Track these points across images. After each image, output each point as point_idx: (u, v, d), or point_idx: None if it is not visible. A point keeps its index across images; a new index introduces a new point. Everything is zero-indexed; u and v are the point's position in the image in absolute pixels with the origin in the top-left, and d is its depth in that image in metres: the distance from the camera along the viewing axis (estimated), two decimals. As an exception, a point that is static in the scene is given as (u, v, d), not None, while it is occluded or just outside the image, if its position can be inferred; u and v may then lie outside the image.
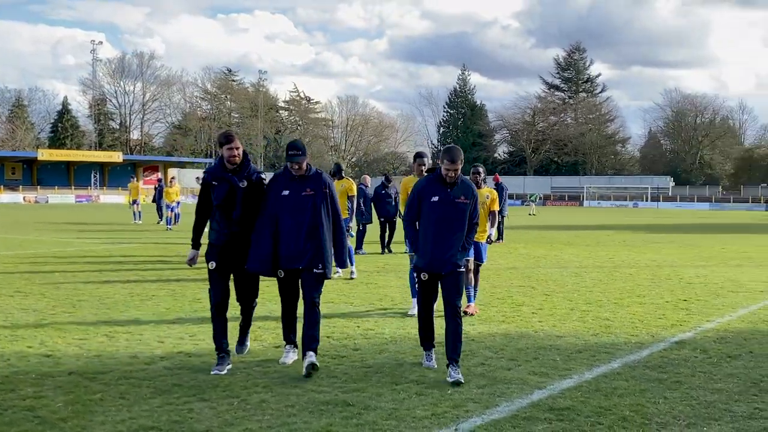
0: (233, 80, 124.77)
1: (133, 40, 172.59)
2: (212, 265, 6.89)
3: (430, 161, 9.91)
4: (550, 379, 6.66)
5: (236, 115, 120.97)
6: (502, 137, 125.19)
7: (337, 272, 13.14)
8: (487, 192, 10.15)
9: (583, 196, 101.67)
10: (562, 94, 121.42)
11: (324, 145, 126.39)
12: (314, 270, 6.88)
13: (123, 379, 6.47)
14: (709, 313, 10.30)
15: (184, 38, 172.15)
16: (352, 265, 13.68)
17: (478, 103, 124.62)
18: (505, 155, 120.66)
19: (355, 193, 14.82)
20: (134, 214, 34.93)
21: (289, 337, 7.30)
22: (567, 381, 6.60)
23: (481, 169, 10.38)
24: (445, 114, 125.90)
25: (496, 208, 10.27)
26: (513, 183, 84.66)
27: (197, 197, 7.25)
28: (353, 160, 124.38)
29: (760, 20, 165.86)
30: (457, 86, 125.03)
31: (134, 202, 35.31)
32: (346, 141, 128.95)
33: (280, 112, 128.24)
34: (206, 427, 5.23)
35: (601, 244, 24.25)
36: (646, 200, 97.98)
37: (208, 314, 6.94)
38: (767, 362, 7.40)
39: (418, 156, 10.08)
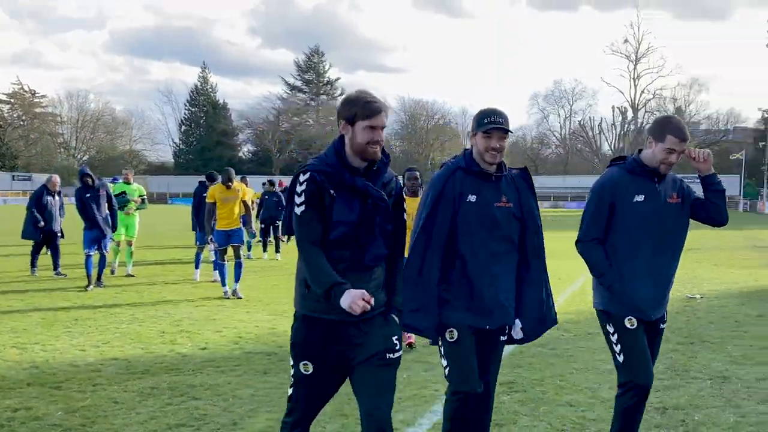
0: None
1: None
2: (309, 367, 3.82)
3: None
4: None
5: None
6: (246, 137, 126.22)
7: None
8: None
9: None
10: (304, 95, 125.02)
11: (53, 142, 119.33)
12: (501, 337, 4.49)
13: (157, 380, 7.17)
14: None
15: None
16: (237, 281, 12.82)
17: (221, 101, 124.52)
18: (250, 155, 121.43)
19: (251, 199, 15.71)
20: None
21: None
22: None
23: (417, 173, 8.66)
24: (187, 112, 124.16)
25: None
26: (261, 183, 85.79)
27: (301, 215, 3.69)
28: (86, 158, 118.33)
29: (466, 28, 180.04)
30: (198, 84, 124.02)
31: None
32: (76, 138, 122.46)
33: (0, 105, 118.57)
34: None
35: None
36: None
37: (143, 323, 6.85)
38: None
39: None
